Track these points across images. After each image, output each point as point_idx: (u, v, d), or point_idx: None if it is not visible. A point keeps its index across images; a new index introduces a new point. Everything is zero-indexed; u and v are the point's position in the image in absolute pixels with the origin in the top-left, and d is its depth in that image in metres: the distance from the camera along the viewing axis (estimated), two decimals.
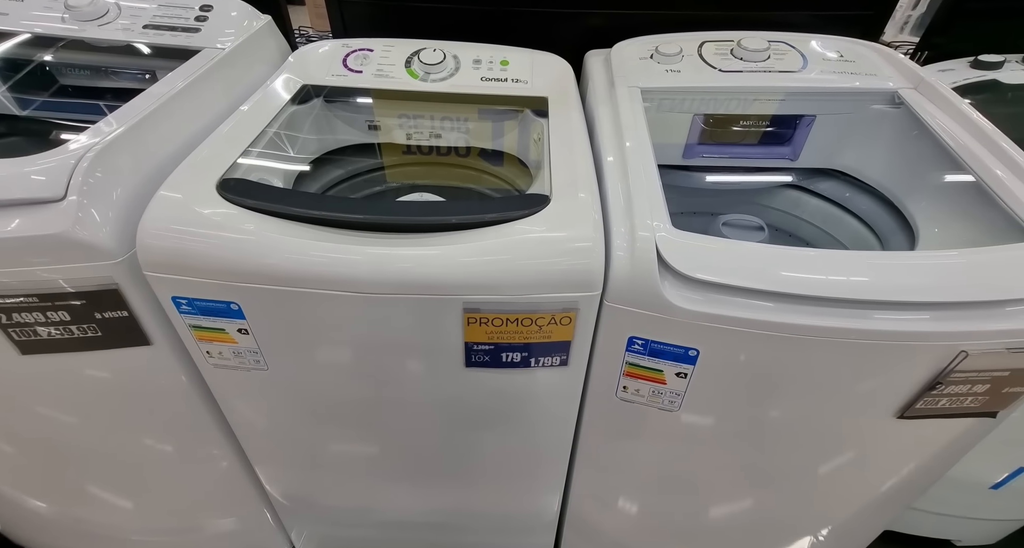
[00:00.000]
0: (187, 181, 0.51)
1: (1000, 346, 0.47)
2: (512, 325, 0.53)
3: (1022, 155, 0.55)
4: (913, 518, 0.99)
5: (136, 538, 0.94)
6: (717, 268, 0.49)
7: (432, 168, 0.87)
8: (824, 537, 0.75)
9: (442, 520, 0.88)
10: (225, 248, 0.47)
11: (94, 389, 0.63)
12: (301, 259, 0.48)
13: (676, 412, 0.60)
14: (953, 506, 0.92)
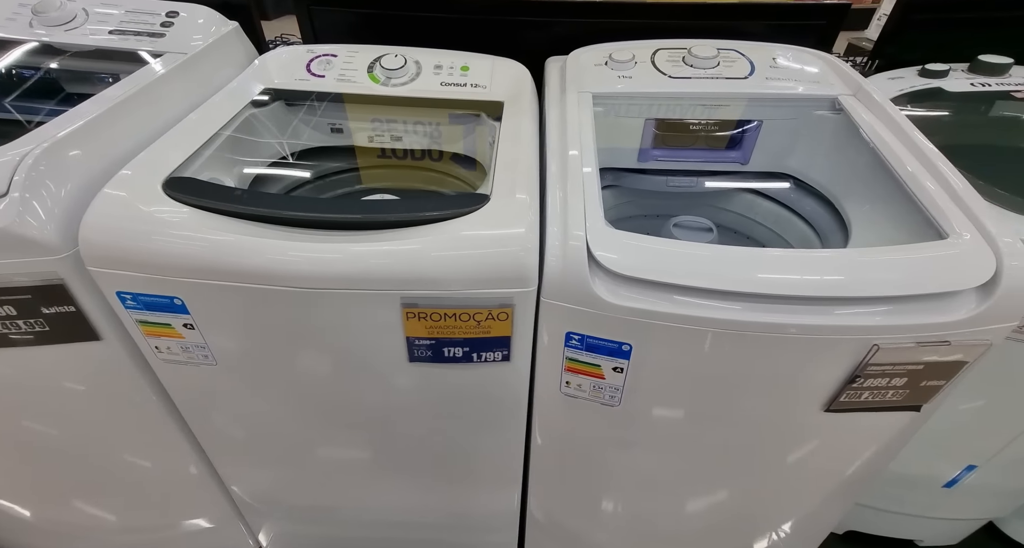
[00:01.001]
0: (133, 179, 0.53)
1: (910, 340, 0.49)
2: (451, 320, 0.55)
3: (942, 160, 0.58)
4: (874, 518, 1.00)
5: (99, 537, 0.94)
6: (645, 266, 0.50)
7: (395, 171, 0.89)
8: (773, 532, 0.77)
9: (403, 517, 0.88)
10: (166, 244, 0.49)
11: (47, 386, 0.64)
12: (241, 255, 0.49)
13: (617, 407, 0.61)
14: (910, 505, 0.93)
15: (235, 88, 0.73)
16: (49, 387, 0.64)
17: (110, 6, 0.81)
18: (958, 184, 0.54)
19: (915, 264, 0.48)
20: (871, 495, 0.94)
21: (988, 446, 0.78)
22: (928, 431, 0.79)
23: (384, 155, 0.87)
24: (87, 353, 0.59)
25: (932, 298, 0.48)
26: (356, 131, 0.83)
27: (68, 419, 0.68)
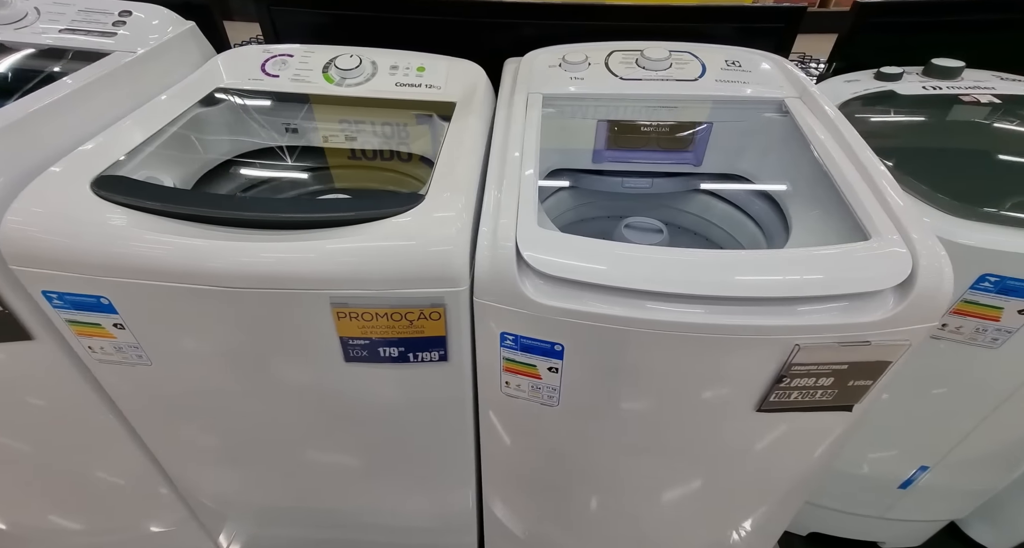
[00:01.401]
0: (61, 177, 0.52)
1: (831, 340, 0.49)
2: (383, 320, 0.55)
3: (874, 162, 0.58)
4: (835, 519, 1.00)
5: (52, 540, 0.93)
6: (572, 266, 0.50)
7: (354, 171, 0.89)
8: (724, 531, 0.77)
9: (359, 518, 0.88)
10: (90, 242, 0.49)
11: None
12: (166, 254, 0.49)
13: (556, 407, 0.61)
14: (868, 506, 0.93)
15: (183, 87, 0.73)
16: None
17: (62, 5, 0.80)
18: (886, 187, 0.54)
19: (835, 265, 0.48)
20: (828, 496, 0.94)
21: (938, 446, 0.79)
22: (878, 432, 0.80)
23: (349, 156, 0.87)
24: (21, 353, 0.59)
25: (851, 298, 0.48)
26: (310, 131, 0.83)
27: (9, 422, 0.67)
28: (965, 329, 0.63)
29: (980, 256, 0.58)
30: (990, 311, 0.60)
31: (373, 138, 0.81)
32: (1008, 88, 0.79)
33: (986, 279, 0.58)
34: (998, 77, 0.84)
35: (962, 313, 0.62)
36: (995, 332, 0.62)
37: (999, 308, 0.59)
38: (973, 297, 0.60)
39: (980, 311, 0.61)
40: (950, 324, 0.64)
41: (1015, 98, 0.78)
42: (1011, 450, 0.79)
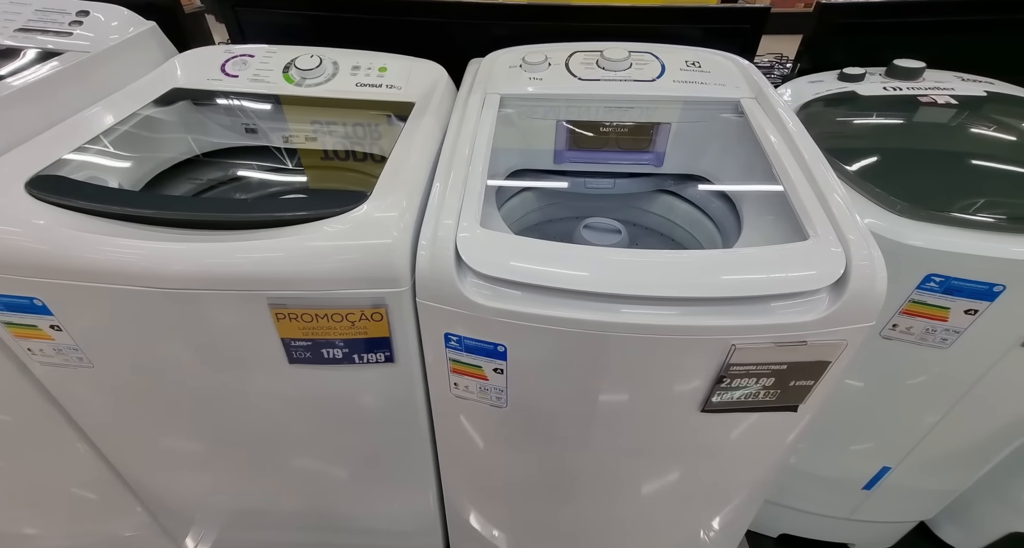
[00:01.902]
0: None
1: (767, 341, 0.49)
2: (324, 321, 0.54)
3: (820, 163, 0.57)
4: (804, 521, 1.00)
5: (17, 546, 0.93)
6: (509, 266, 0.50)
7: (310, 171, 0.88)
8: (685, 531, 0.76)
9: (323, 520, 0.88)
10: (19, 243, 0.48)
11: None
12: (97, 254, 0.49)
13: (505, 408, 0.61)
14: (835, 508, 0.93)
15: (137, 87, 0.72)
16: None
17: (19, 4, 0.80)
18: (829, 188, 0.54)
19: (769, 266, 0.48)
20: (795, 497, 0.94)
21: (899, 447, 0.78)
22: (838, 433, 0.80)
23: (308, 156, 0.87)
24: None
25: (786, 298, 0.48)
26: (269, 132, 0.82)
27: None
28: (915, 329, 0.63)
29: (925, 256, 0.58)
30: (938, 311, 0.60)
31: (332, 138, 0.81)
32: (967, 89, 0.80)
33: (931, 279, 0.58)
34: (959, 78, 0.84)
35: (911, 313, 0.62)
36: (944, 332, 0.62)
37: (946, 308, 0.59)
38: (920, 297, 0.60)
39: (928, 311, 0.61)
40: (900, 325, 0.64)
41: (971, 99, 0.78)
42: (971, 450, 0.79)
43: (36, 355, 0.57)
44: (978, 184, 0.64)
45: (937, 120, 0.74)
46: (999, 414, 0.72)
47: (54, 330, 0.54)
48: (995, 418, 0.73)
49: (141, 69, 0.81)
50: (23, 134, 0.61)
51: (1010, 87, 0.82)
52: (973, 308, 0.59)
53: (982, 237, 0.56)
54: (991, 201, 0.60)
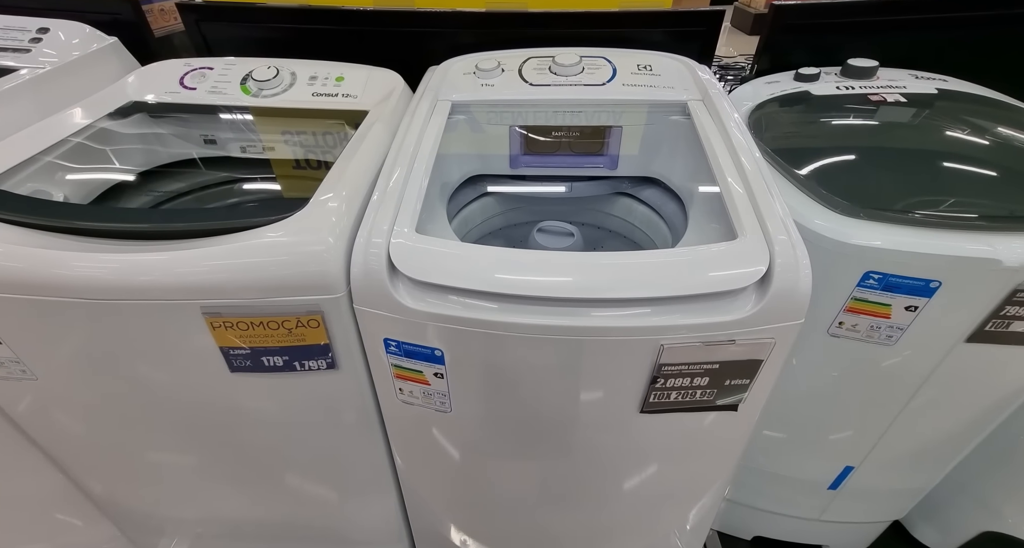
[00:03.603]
0: None
1: (696, 340, 0.49)
2: (260, 329, 0.55)
3: (756, 163, 0.57)
4: (775, 522, 0.99)
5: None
6: (439, 271, 0.50)
7: (266, 181, 0.88)
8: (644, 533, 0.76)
9: (289, 531, 0.87)
10: None
11: None
12: (28, 265, 0.49)
13: (450, 414, 0.61)
14: (803, 509, 0.92)
15: (92, 101, 0.73)
16: None
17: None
18: (761, 188, 0.54)
19: (695, 265, 0.48)
20: (765, 498, 0.93)
21: (859, 446, 0.78)
22: (798, 434, 0.80)
23: (264, 165, 0.87)
24: None
25: (712, 298, 0.48)
26: (227, 142, 0.84)
27: None
28: (860, 327, 0.62)
29: (865, 254, 0.57)
30: (880, 308, 0.60)
31: (286, 147, 0.81)
32: (918, 87, 0.80)
33: (870, 277, 0.57)
34: (913, 76, 0.84)
35: (855, 311, 0.61)
36: (888, 329, 0.61)
37: (887, 305, 0.59)
38: (862, 295, 0.60)
39: (871, 308, 0.60)
40: (847, 322, 0.63)
41: (921, 97, 0.78)
42: (930, 448, 0.78)
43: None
44: (917, 182, 0.64)
45: (884, 118, 0.74)
46: (952, 412, 0.71)
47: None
48: (949, 416, 0.72)
49: (102, 83, 0.82)
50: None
51: (963, 84, 0.82)
52: (913, 305, 0.58)
53: (918, 234, 0.56)
54: (929, 199, 0.60)
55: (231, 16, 0.98)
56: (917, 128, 0.72)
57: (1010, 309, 0.56)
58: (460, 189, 0.83)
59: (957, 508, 0.91)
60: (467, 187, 0.85)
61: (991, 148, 0.68)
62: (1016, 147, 0.68)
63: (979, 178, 0.64)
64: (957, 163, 0.66)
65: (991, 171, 0.65)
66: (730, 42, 3.10)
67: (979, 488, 0.87)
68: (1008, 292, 0.55)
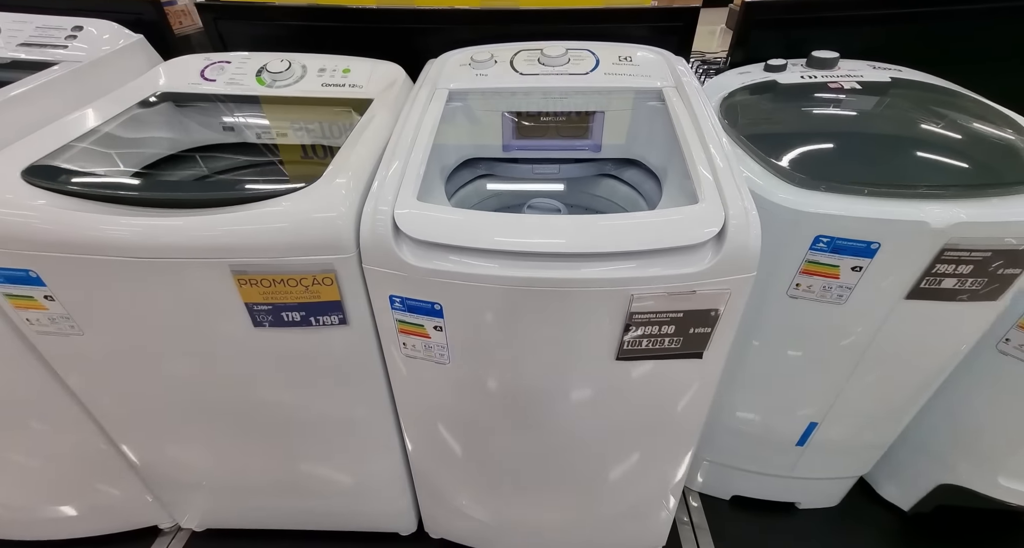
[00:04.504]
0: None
1: (662, 290, 0.56)
2: (281, 285, 0.62)
3: (719, 139, 0.65)
4: (749, 481, 1.06)
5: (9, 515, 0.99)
6: (438, 231, 0.57)
7: (280, 161, 0.96)
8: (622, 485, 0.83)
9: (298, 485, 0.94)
10: (15, 221, 0.56)
11: None
12: (83, 230, 0.57)
13: (448, 365, 0.68)
14: (777, 466, 0.99)
15: (124, 91, 0.81)
16: None
17: (21, 23, 0.90)
18: (722, 161, 0.61)
19: (661, 224, 0.56)
20: (742, 458, 1.00)
21: (820, 402, 0.85)
22: (765, 391, 0.87)
23: (281, 148, 0.94)
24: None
25: (675, 252, 0.55)
26: (245, 129, 0.91)
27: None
28: (814, 287, 0.69)
29: (816, 220, 0.65)
30: (829, 269, 0.67)
31: (299, 132, 0.89)
32: (874, 76, 0.87)
33: (820, 240, 0.65)
34: (871, 66, 0.92)
35: (809, 273, 0.68)
36: (839, 289, 0.68)
37: (836, 266, 0.66)
38: (814, 257, 0.67)
39: (822, 270, 0.68)
40: (802, 284, 0.70)
41: (875, 84, 0.85)
42: (885, 403, 0.85)
43: (33, 325, 0.65)
44: (864, 158, 0.71)
45: (840, 103, 0.81)
46: (900, 367, 0.78)
47: (47, 300, 0.62)
48: (897, 371, 0.79)
49: (130, 76, 0.90)
50: (22, 132, 0.70)
51: (915, 73, 0.89)
52: (858, 265, 0.66)
53: (860, 202, 0.63)
54: (871, 172, 0.67)
55: (246, 14, 1.06)
56: (868, 112, 0.79)
57: (940, 267, 0.63)
58: (457, 171, 0.91)
59: (915, 465, 0.99)
60: (464, 169, 0.92)
61: (930, 128, 0.76)
62: (952, 127, 0.75)
63: (917, 154, 0.71)
64: (899, 141, 0.73)
65: (928, 148, 0.72)
66: (725, 41, 3.19)
67: (934, 445, 0.94)
68: (936, 252, 0.62)
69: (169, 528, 1.05)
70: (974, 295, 0.66)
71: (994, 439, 0.86)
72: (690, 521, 1.07)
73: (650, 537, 0.98)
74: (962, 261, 0.63)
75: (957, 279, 0.65)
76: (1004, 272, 0.63)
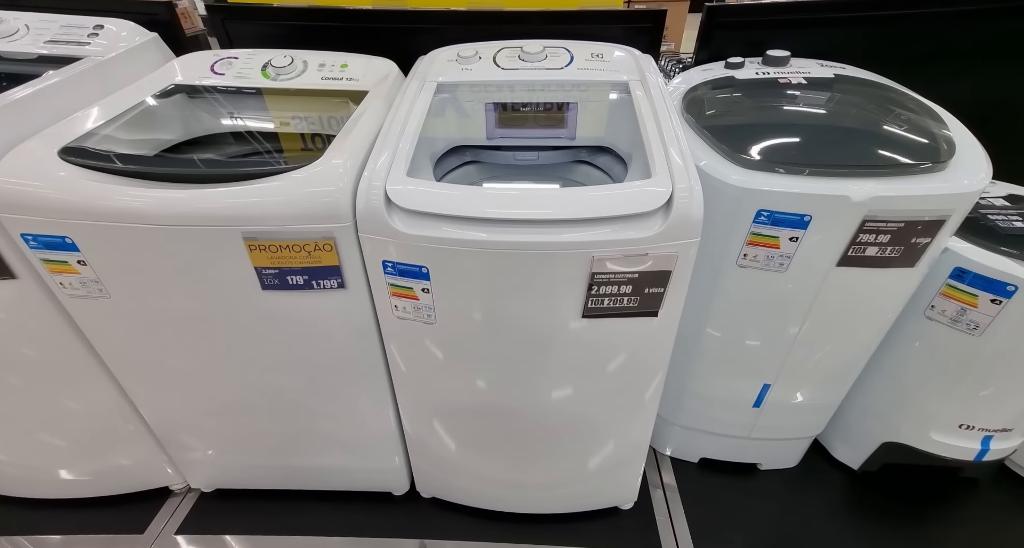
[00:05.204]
0: (34, 147, 0.69)
1: (619, 253, 0.64)
2: (286, 251, 0.70)
3: (673, 128, 0.73)
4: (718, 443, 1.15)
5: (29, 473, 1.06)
6: (424, 202, 0.66)
7: (285, 146, 1.04)
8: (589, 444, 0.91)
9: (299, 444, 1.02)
10: (55, 193, 0.65)
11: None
12: (114, 201, 0.65)
13: (435, 325, 0.76)
14: (737, 427, 1.08)
15: (143, 83, 0.89)
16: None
17: (47, 22, 0.98)
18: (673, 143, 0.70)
19: (618, 195, 0.65)
20: (707, 421, 1.09)
21: (771, 365, 0.94)
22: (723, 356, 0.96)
23: (287, 135, 1.02)
24: (6, 292, 0.74)
25: (630, 219, 0.64)
26: (251, 118, 0.99)
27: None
28: (759, 257, 0.78)
29: (758, 196, 0.74)
30: (770, 240, 0.76)
31: (301, 121, 0.97)
32: (820, 72, 0.96)
33: (761, 214, 0.73)
34: (819, 64, 1.01)
35: (754, 244, 0.77)
36: (780, 258, 0.77)
37: (776, 237, 0.75)
38: (757, 229, 0.75)
39: (764, 241, 0.76)
40: (749, 254, 0.79)
41: (820, 80, 0.95)
42: (829, 363, 0.94)
43: (66, 289, 0.73)
44: (801, 141, 0.80)
45: (787, 96, 0.90)
46: (839, 329, 0.87)
47: (80, 265, 0.70)
48: (837, 333, 0.88)
49: (146, 70, 0.99)
50: (54, 118, 0.78)
51: (859, 71, 0.99)
52: (795, 236, 0.74)
53: (794, 180, 0.72)
54: (806, 153, 0.76)
55: (251, 15, 1.14)
56: (811, 104, 0.88)
57: (863, 237, 0.72)
58: (447, 157, 0.99)
59: (862, 426, 1.08)
60: (452, 155, 1.01)
61: (861, 118, 0.85)
62: (880, 117, 0.85)
63: (847, 138, 0.81)
64: (833, 129, 0.82)
65: (857, 134, 0.82)
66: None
67: (877, 406, 1.03)
68: (859, 223, 0.72)
69: (179, 489, 1.13)
70: (893, 262, 0.75)
71: (926, 397, 0.96)
72: (661, 483, 1.15)
73: (622, 492, 1.07)
74: (880, 231, 0.72)
75: (878, 247, 0.74)
76: (916, 240, 0.73)
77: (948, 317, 0.86)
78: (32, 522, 1.09)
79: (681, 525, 1.07)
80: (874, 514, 1.09)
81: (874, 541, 1.04)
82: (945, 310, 0.86)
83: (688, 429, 1.13)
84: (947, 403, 0.93)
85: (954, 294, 0.84)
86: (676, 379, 1.06)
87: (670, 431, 1.17)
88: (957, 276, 0.83)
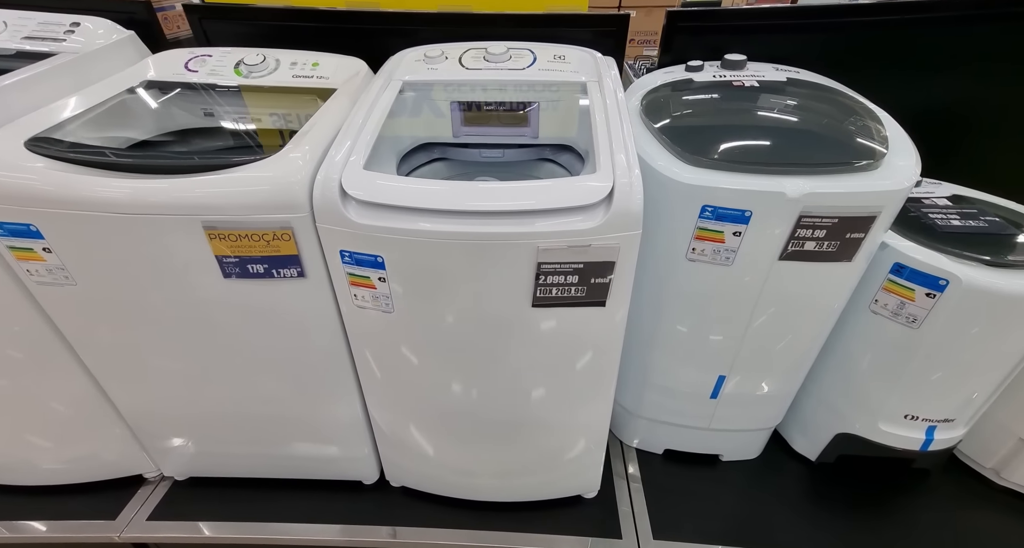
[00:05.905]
0: (2, 136, 0.71)
1: (563, 243, 0.67)
2: (246, 240, 0.73)
3: (621, 126, 0.76)
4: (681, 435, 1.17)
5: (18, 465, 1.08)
6: (377, 193, 0.69)
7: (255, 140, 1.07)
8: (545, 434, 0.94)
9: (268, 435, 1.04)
10: (18, 182, 0.67)
11: None
12: (76, 190, 0.68)
13: (392, 314, 0.79)
14: (697, 419, 1.11)
15: (115, 79, 0.92)
16: None
17: (25, 19, 1.01)
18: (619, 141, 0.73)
19: (563, 189, 0.68)
20: (668, 412, 1.12)
21: (725, 356, 0.97)
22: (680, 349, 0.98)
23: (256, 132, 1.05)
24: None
25: (574, 211, 0.67)
26: (222, 115, 1.01)
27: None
28: (707, 251, 0.81)
29: (702, 192, 0.77)
30: (716, 235, 0.79)
31: (270, 117, 1.00)
32: (773, 76, 1.00)
33: (706, 209, 0.77)
34: (774, 68, 1.04)
35: (701, 238, 0.80)
36: (726, 252, 0.80)
37: (720, 232, 0.78)
38: (703, 224, 0.79)
39: (710, 235, 0.79)
40: (697, 248, 0.82)
41: (772, 83, 0.98)
42: (779, 355, 0.97)
43: (33, 276, 0.75)
44: (747, 140, 0.84)
45: (739, 98, 0.94)
46: (786, 322, 0.91)
47: (46, 252, 0.72)
48: (784, 326, 0.91)
49: (121, 66, 1.02)
50: (26, 110, 0.80)
51: (811, 75, 1.02)
52: (738, 231, 0.77)
53: (736, 177, 0.76)
54: (749, 152, 0.80)
55: (228, 14, 1.17)
56: (761, 105, 0.91)
57: (801, 232, 0.76)
58: (414, 154, 1.02)
59: (817, 418, 1.11)
60: (420, 153, 1.04)
61: (806, 119, 0.89)
62: (823, 118, 0.89)
63: (789, 138, 0.84)
64: (779, 129, 0.86)
65: (799, 134, 0.85)
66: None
67: (830, 398, 1.07)
68: (796, 218, 0.75)
69: (153, 477, 1.14)
70: (831, 256, 0.78)
71: (874, 389, 0.99)
72: (625, 473, 1.18)
73: (584, 481, 1.09)
74: (816, 226, 0.75)
75: (816, 242, 0.77)
76: (851, 236, 0.76)
77: (890, 310, 0.90)
78: (2, 508, 1.10)
79: (642, 514, 1.09)
80: (829, 504, 1.11)
81: (830, 531, 1.07)
82: (887, 304, 0.89)
83: (652, 421, 1.15)
84: (892, 394, 0.97)
85: (894, 288, 0.87)
86: (638, 371, 1.09)
87: (635, 423, 1.19)
88: (896, 271, 0.86)
